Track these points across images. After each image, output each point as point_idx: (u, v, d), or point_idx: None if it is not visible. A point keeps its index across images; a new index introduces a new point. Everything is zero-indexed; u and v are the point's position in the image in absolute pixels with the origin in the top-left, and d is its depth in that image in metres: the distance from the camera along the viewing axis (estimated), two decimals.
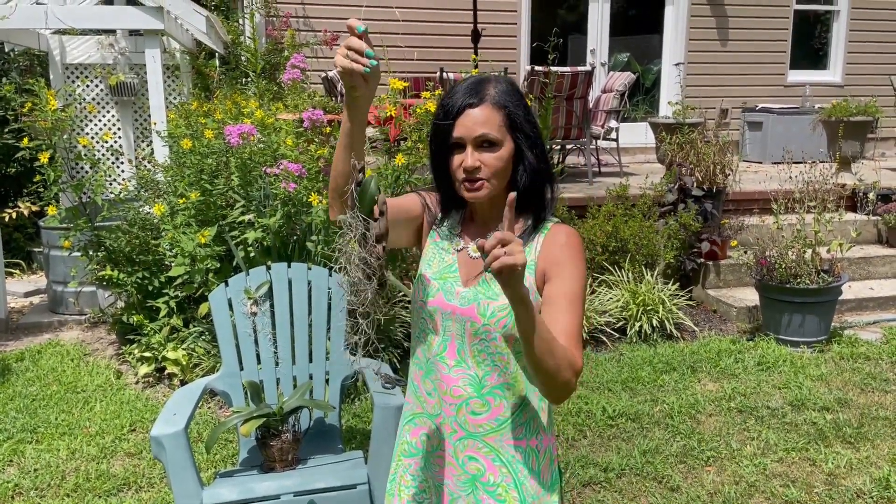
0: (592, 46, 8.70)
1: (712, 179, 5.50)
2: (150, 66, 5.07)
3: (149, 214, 4.38)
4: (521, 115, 1.50)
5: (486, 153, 1.47)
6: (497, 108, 1.47)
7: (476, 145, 1.47)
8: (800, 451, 3.48)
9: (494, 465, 1.53)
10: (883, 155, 9.18)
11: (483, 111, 1.46)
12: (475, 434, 1.53)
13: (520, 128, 1.49)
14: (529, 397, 1.54)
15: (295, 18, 7.41)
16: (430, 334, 1.57)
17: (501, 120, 1.47)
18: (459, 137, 1.47)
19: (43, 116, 4.18)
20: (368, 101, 1.39)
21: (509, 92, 1.50)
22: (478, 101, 1.47)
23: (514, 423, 1.53)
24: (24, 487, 3.20)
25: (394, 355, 4.25)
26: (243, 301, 2.85)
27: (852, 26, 9.26)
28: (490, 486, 1.53)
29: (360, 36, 1.34)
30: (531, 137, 1.51)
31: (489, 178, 1.47)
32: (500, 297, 1.48)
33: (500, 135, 1.47)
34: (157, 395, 4.10)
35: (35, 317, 5.35)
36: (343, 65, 1.32)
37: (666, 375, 4.30)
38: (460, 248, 1.59)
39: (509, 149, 1.49)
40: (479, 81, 1.51)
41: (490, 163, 1.47)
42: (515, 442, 1.53)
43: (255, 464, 2.62)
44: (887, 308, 5.46)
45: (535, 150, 1.51)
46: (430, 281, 1.57)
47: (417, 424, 1.62)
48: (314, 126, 3.92)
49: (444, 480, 1.58)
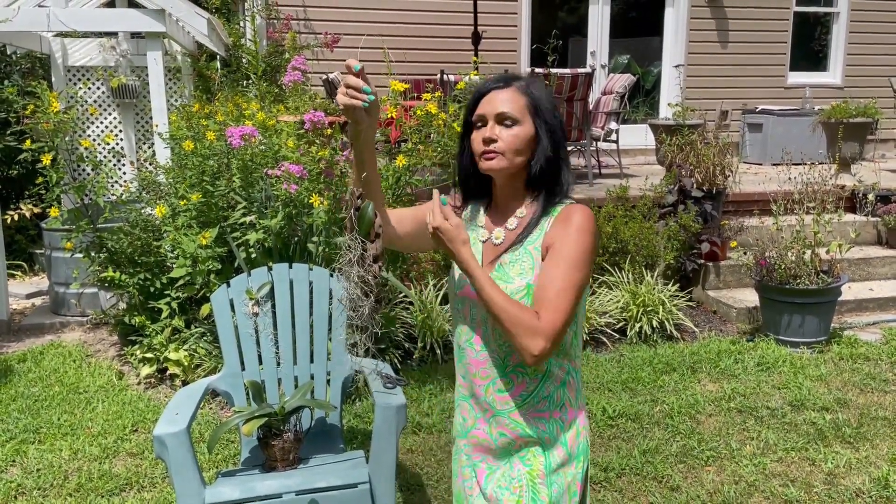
0: (593, 48, 8.72)
1: (712, 181, 5.52)
2: (151, 68, 5.09)
3: (150, 216, 4.39)
4: (544, 104, 1.61)
5: (505, 129, 1.58)
6: (521, 92, 1.60)
7: (497, 121, 1.59)
8: (799, 450, 3.49)
9: (522, 437, 1.64)
10: (882, 156, 9.19)
11: (507, 93, 1.60)
12: (503, 411, 1.64)
13: (541, 115, 1.60)
14: (552, 372, 1.63)
15: (296, 21, 7.43)
16: (462, 322, 1.70)
17: (524, 104, 1.60)
18: (482, 115, 1.61)
19: (45, 118, 4.20)
20: (372, 133, 1.55)
21: (536, 85, 1.63)
22: (504, 86, 1.61)
23: (536, 397, 1.63)
24: (26, 487, 3.21)
25: (395, 356, 4.26)
26: (245, 301, 2.86)
27: (852, 28, 9.27)
28: (521, 453, 1.65)
29: (356, 74, 1.46)
30: (551, 126, 1.61)
31: (504, 151, 1.58)
32: (514, 280, 1.59)
33: (520, 115, 1.59)
34: (158, 396, 4.12)
35: (37, 318, 5.37)
36: (344, 103, 1.47)
37: (666, 376, 4.31)
38: (485, 239, 1.69)
39: (527, 130, 1.59)
40: (510, 75, 1.66)
41: (506, 138, 1.58)
42: (539, 414, 1.64)
43: (256, 463, 2.64)
44: (887, 309, 5.47)
45: (554, 138, 1.61)
46: (460, 273, 1.68)
47: (462, 407, 1.75)
48: (315, 128, 3.93)
49: (483, 455, 1.70)
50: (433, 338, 4.49)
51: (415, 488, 3.21)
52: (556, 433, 1.65)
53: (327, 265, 3.76)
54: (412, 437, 3.63)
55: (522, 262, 1.60)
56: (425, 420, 3.78)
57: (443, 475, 3.29)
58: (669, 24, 8.85)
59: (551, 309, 1.51)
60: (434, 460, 3.42)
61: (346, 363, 2.92)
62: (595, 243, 1.59)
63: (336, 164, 3.97)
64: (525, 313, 1.50)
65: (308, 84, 6.37)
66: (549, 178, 1.63)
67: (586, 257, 1.55)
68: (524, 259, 1.60)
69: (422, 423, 3.74)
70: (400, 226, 1.71)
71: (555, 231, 1.59)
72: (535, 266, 1.59)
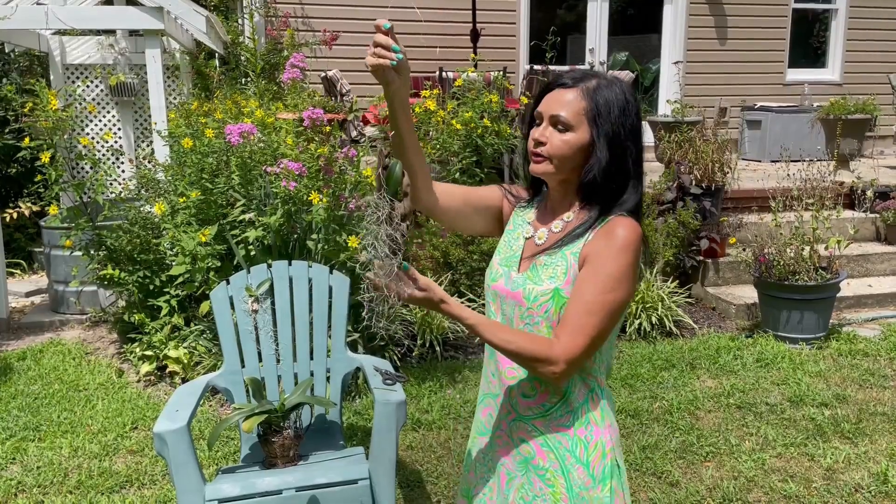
0: (591, 45, 8.72)
1: (711, 177, 5.52)
2: (150, 66, 5.09)
3: (149, 214, 4.39)
4: (609, 111, 1.48)
5: (557, 133, 1.50)
6: (585, 96, 1.49)
7: (551, 123, 1.51)
8: (798, 446, 3.50)
9: (543, 450, 1.56)
10: (881, 153, 9.19)
11: (569, 94, 1.50)
12: (525, 417, 1.58)
13: (600, 123, 1.48)
14: (577, 387, 1.54)
15: (294, 18, 7.42)
16: (493, 316, 1.63)
17: (584, 108, 1.48)
18: (539, 112, 1.53)
19: (44, 116, 4.20)
20: (405, 92, 1.46)
21: (610, 89, 1.50)
22: (571, 84, 1.51)
23: (560, 411, 1.55)
24: (27, 485, 3.22)
25: (394, 353, 4.26)
26: (244, 299, 2.86)
27: (851, 25, 9.27)
28: (540, 470, 1.56)
29: (385, 33, 1.40)
30: (614, 136, 1.48)
31: (549, 156, 1.51)
32: (544, 282, 1.52)
33: (574, 121, 1.48)
34: (158, 394, 4.12)
35: (36, 316, 5.37)
36: (372, 63, 1.41)
37: (665, 372, 4.32)
38: (529, 236, 1.62)
39: (581, 138, 1.49)
40: (588, 72, 1.54)
41: (555, 143, 1.50)
42: (562, 429, 1.54)
43: (256, 460, 2.64)
44: (885, 305, 5.47)
45: (617, 149, 1.49)
46: (497, 266, 1.64)
47: (486, 404, 1.68)
48: (314, 125, 3.93)
49: (503, 459, 1.63)
50: (433, 335, 4.49)
51: (414, 484, 3.21)
52: (578, 453, 1.54)
53: (327, 262, 3.76)
54: (412, 434, 3.63)
55: (556, 265, 1.52)
56: (425, 417, 3.78)
57: (442, 472, 3.30)
58: (668, 21, 8.84)
59: (572, 331, 1.42)
60: (434, 457, 3.42)
61: (345, 360, 2.92)
62: (637, 261, 1.47)
63: (335, 162, 3.97)
64: (535, 344, 1.43)
65: (307, 81, 6.36)
66: (605, 191, 1.51)
67: (625, 277, 1.44)
68: (558, 262, 1.52)
69: (421, 420, 3.74)
70: (446, 200, 1.63)
71: (596, 242, 1.48)
72: (567, 271, 1.50)
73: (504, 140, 4.92)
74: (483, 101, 4.78)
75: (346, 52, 7.30)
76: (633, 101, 1.52)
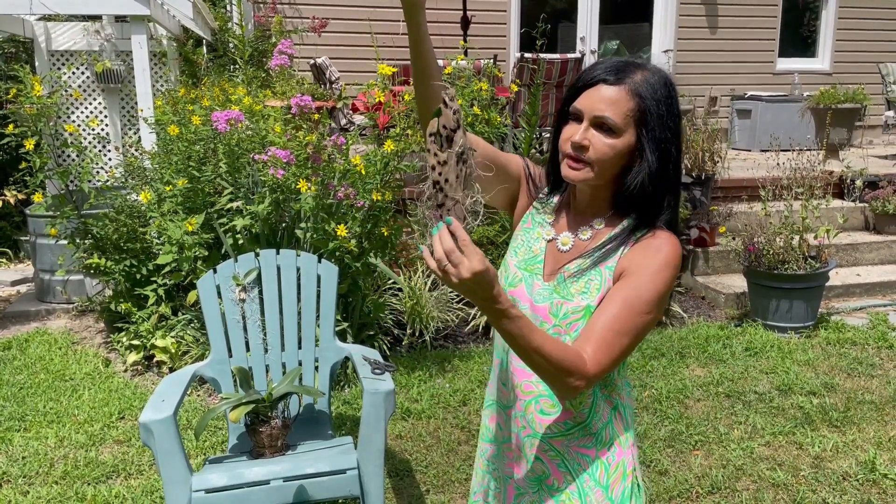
0: (582, 34, 8.69)
1: (701, 166, 5.52)
2: (136, 52, 5.02)
3: (136, 202, 4.35)
4: (658, 112, 1.34)
5: (600, 136, 1.34)
6: (632, 95, 1.33)
7: (593, 124, 1.35)
8: (787, 434, 3.51)
9: (560, 471, 1.44)
10: (871, 142, 9.23)
11: (615, 92, 1.33)
12: (542, 435, 1.44)
13: (649, 124, 1.34)
14: (601, 406, 1.43)
15: (282, 5, 7.35)
16: None
17: (631, 109, 1.33)
18: (579, 109, 1.36)
19: (28, 102, 4.14)
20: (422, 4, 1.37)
21: (657, 85, 1.35)
22: (615, 80, 1.34)
23: (582, 432, 1.43)
24: (12, 475, 3.19)
25: (384, 342, 4.25)
26: (232, 288, 2.84)
27: (841, 14, 9.28)
28: (554, 491, 1.45)
29: None
30: (661, 139, 1.35)
31: (592, 162, 1.35)
32: (575, 298, 1.38)
33: (622, 123, 1.33)
34: (145, 383, 4.09)
35: (22, 305, 5.32)
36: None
37: (654, 361, 4.32)
38: (550, 239, 1.48)
39: (627, 142, 1.35)
40: (629, 63, 1.37)
41: (599, 147, 1.34)
42: (583, 451, 1.43)
43: (244, 450, 2.63)
44: (874, 294, 5.50)
45: (663, 154, 1.36)
46: (514, 269, 1.49)
47: (494, 412, 1.57)
48: (302, 112, 3.90)
49: (514, 473, 1.51)
50: (422, 324, 4.48)
51: (403, 474, 3.21)
52: (598, 475, 1.43)
53: (315, 251, 3.73)
54: (401, 423, 3.62)
55: (590, 280, 1.38)
56: (414, 406, 3.77)
57: (431, 461, 3.29)
58: (659, 9, 8.82)
59: (600, 347, 1.29)
60: (423, 446, 3.42)
61: (334, 349, 2.90)
62: (674, 281, 1.37)
63: (324, 150, 3.93)
64: (567, 353, 1.25)
65: (295, 69, 6.32)
66: (645, 199, 1.37)
67: (662, 297, 1.34)
68: (594, 278, 1.38)
69: (411, 410, 3.73)
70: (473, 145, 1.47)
71: (635, 255, 1.36)
72: (602, 288, 1.37)
73: (494, 129, 4.89)
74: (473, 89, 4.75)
75: (336, 38, 7.24)
76: (676, 97, 1.38)
